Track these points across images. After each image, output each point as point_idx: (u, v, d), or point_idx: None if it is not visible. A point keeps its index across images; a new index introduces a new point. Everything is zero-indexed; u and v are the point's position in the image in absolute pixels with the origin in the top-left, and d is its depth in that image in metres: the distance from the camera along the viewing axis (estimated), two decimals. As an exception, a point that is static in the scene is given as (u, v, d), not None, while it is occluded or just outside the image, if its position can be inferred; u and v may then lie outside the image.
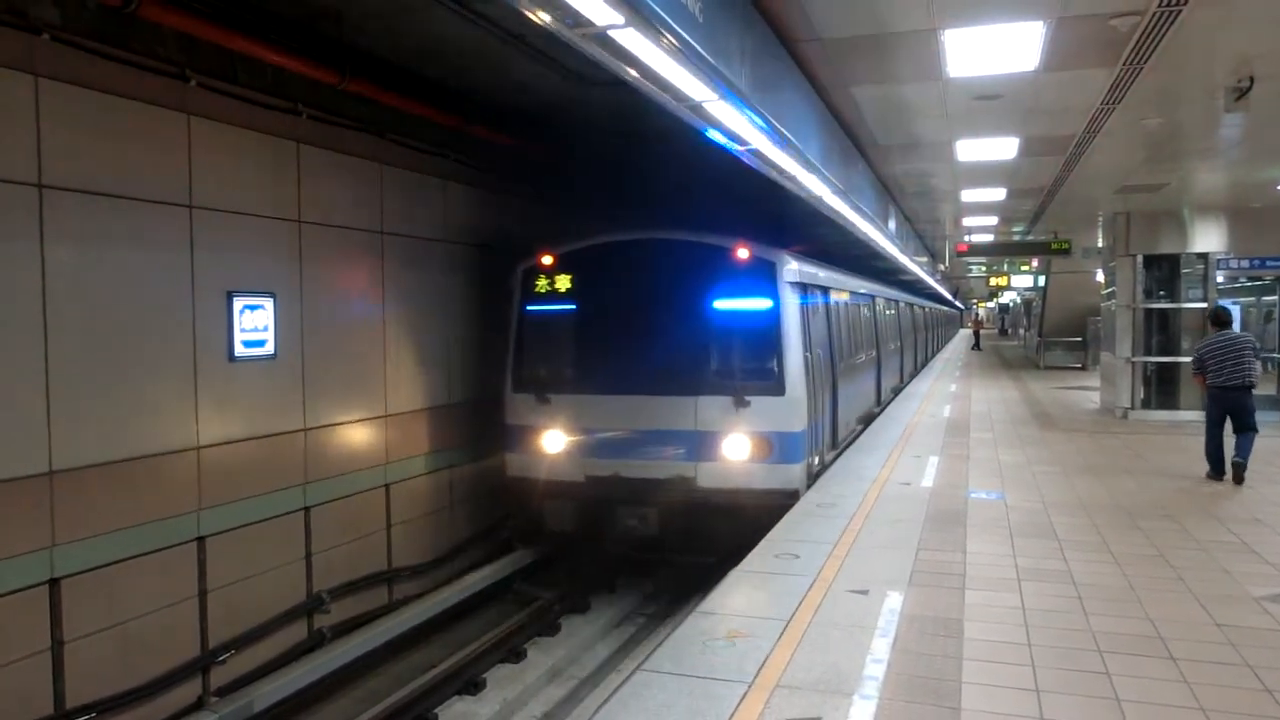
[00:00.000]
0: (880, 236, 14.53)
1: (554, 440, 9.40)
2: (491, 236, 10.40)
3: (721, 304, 9.12)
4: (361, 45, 7.72)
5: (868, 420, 14.74)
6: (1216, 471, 9.93)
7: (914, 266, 23.22)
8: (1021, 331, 47.56)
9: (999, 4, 6.01)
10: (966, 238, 22.86)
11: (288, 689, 6.91)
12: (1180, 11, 5.95)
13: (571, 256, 9.65)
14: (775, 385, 8.93)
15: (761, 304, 9.04)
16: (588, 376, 9.47)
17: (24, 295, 5.41)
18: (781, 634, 5.16)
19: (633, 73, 4.65)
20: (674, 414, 8.99)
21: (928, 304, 35.80)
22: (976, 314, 69.36)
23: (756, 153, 6.92)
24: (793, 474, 8.94)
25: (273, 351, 7.26)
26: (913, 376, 24.66)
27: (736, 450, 8.88)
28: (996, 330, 70.84)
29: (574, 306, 9.61)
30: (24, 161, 5.39)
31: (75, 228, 5.70)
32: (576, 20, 3.88)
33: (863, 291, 15.06)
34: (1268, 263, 16.00)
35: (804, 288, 9.65)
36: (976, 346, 44.49)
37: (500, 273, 10.09)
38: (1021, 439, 13.21)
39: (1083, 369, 27.32)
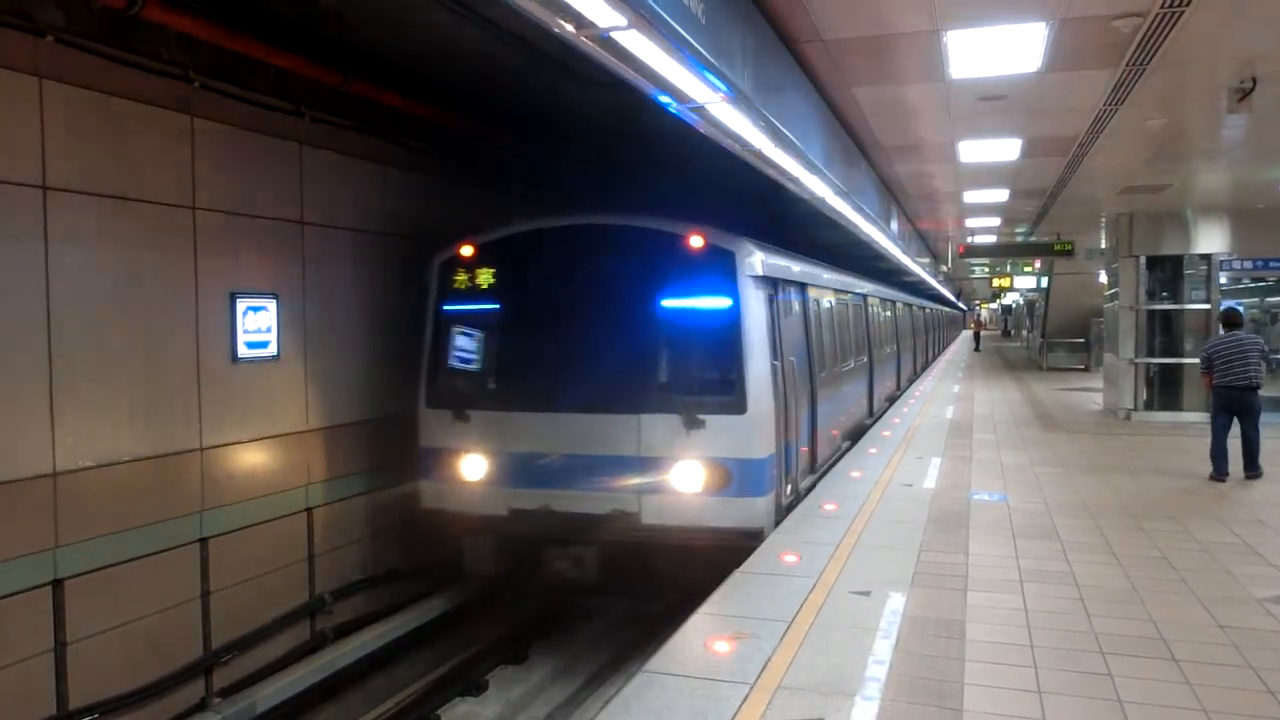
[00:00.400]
0: (882, 237, 14.53)
1: (473, 465, 7.94)
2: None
3: (670, 302, 7.68)
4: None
5: (858, 434, 13.22)
6: (1220, 472, 9.95)
7: (916, 267, 23.21)
8: (1024, 333, 47.54)
9: (1001, 5, 6.01)
10: (969, 239, 22.86)
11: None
12: (1182, 13, 5.94)
13: (495, 246, 8.21)
14: (734, 401, 7.41)
15: (718, 302, 7.57)
16: (512, 390, 8.09)
17: None
18: (783, 635, 5.16)
19: (632, 73, 4.65)
20: (613, 436, 7.54)
21: (929, 305, 35.34)
22: (978, 315, 69.37)
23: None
24: (755, 510, 7.44)
25: None
26: (912, 381, 23.30)
27: (687, 480, 7.40)
28: (999, 331, 70.79)
29: (497, 306, 8.26)
30: None
31: None
32: (579, 22, 3.88)
33: (853, 290, 13.74)
34: (1271, 264, 15.96)
35: (773, 284, 8.21)
36: (977, 348, 44.95)
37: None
38: (1024, 440, 13.20)
39: (1085, 370, 27.28)
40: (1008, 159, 11.41)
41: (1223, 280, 15.76)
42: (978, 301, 74.63)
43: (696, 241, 7.53)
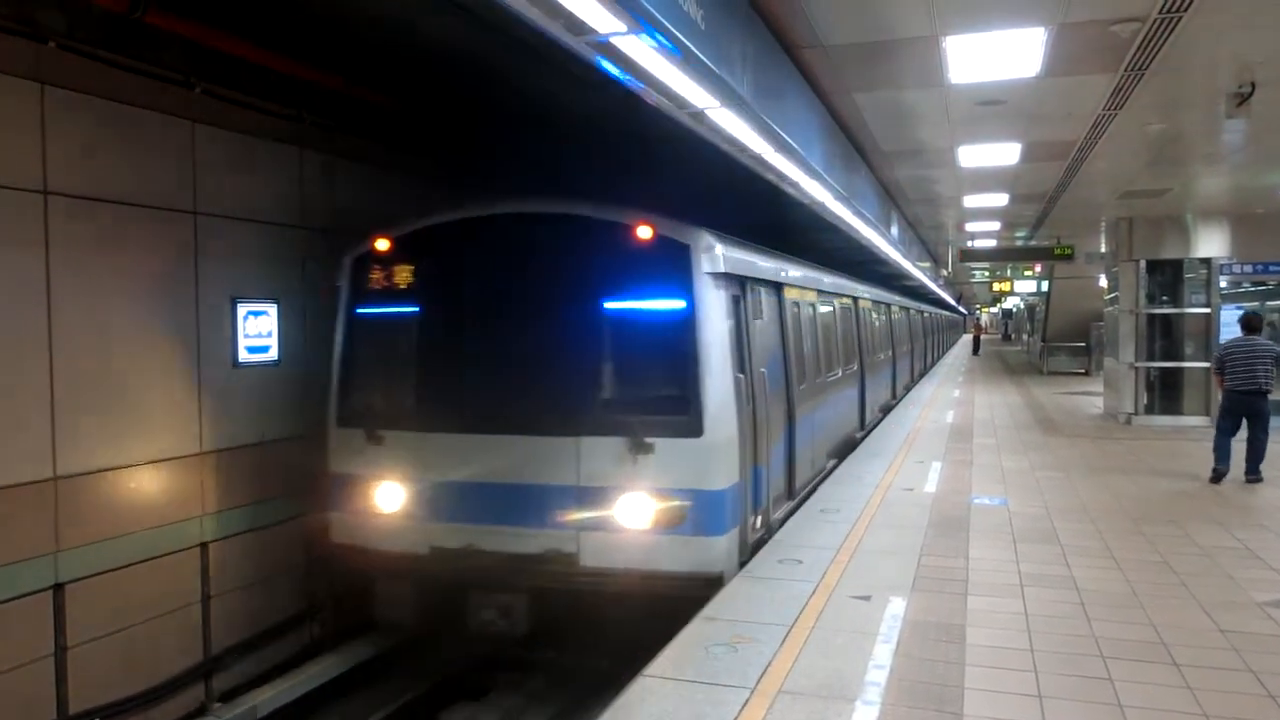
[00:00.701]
0: (882, 242, 14.55)
1: (389, 495, 6.88)
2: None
3: (616, 304, 6.62)
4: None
5: (845, 450, 12.03)
6: (1220, 463, 10.09)
7: (916, 271, 23.23)
8: (1025, 337, 47.60)
9: (1000, 10, 6.04)
10: (969, 243, 22.88)
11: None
12: (1181, 18, 5.96)
13: (414, 240, 7.14)
14: (689, 421, 6.31)
15: (671, 304, 6.50)
16: (432, 407, 6.94)
17: None
18: (784, 639, 5.16)
19: (632, 78, 4.67)
20: (548, 462, 6.49)
21: (929, 309, 34.99)
22: (977, 319, 69.49)
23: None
24: (713, 551, 6.31)
25: None
26: (908, 389, 22.14)
27: (634, 516, 6.31)
28: (1000, 335, 70.85)
29: (416, 309, 7.15)
30: None
31: None
32: (580, 28, 3.90)
33: (842, 292, 12.55)
34: (1271, 267, 15.98)
35: (740, 283, 7.16)
36: (976, 352, 45.28)
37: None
38: (1025, 444, 13.20)
39: (1086, 374, 27.29)
40: (1007, 164, 11.43)
41: (1223, 284, 15.78)
42: (978, 306, 74.68)
43: (645, 233, 6.43)
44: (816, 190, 8.86)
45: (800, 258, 10.50)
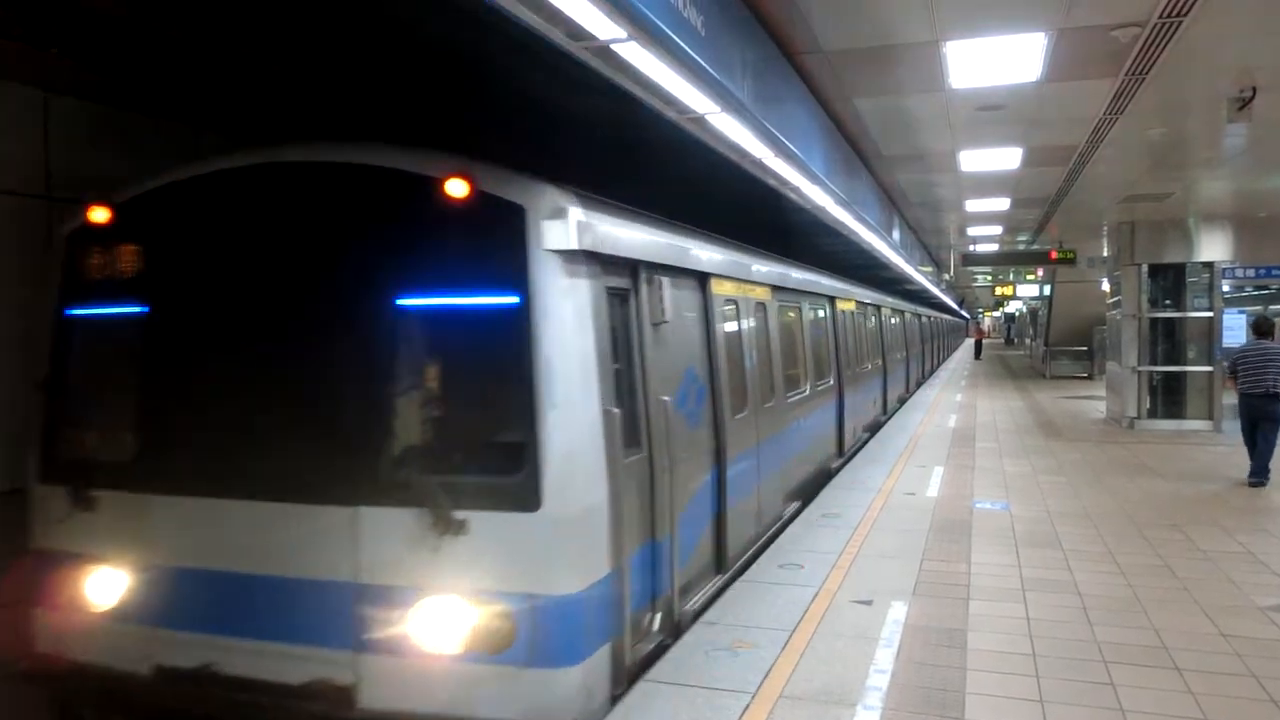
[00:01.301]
0: (884, 246, 14.55)
1: (101, 586, 4.70)
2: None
3: (412, 302, 4.41)
4: None
5: (816, 486, 9.93)
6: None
7: (918, 275, 23.23)
8: (1027, 341, 47.61)
9: (1000, 15, 6.05)
10: (971, 247, 22.89)
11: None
12: (1181, 23, 5.97)
13: (143, 207, 4.90)
14: (521, 486, 4.12)
15: (495, 299, 4.30)
16: (155, 458, 4.71)
17: None
18: (785, 644, 5.16)
19: (631, 84, 4.68)
20: (315, 544, 4.33)
21: (929, 312, 34.35)
22: (979, 323, 69.61)
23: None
24: (558, 689, 4.13)
25: None
26: (903, 402, 20.22)
27: (438, 632, 4.17)
28: (1002, 339, 70.85)
29: (143, 309, 4.88)
30: None
31: None
32: (579, 34, 3.91)
33: (810, 290, 10.24)
34: (1273, 271, 15.97)
35: (629, 270, 4.99)
36: (978, 356, 45.43)
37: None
38: (1027, 449, 13.18)
39: (1089, 378, 27.28)
40: (1009, 168, 11.45)
41: (1225, 288, 15.77)
42: (981, 309, 74.72)
43: (458, 188, 4.20)
44: (818, 195, 8.87)
45: (755, 246, 8.42)
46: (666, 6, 4.02)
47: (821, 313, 11.08)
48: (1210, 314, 15.47)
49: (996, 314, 73.54)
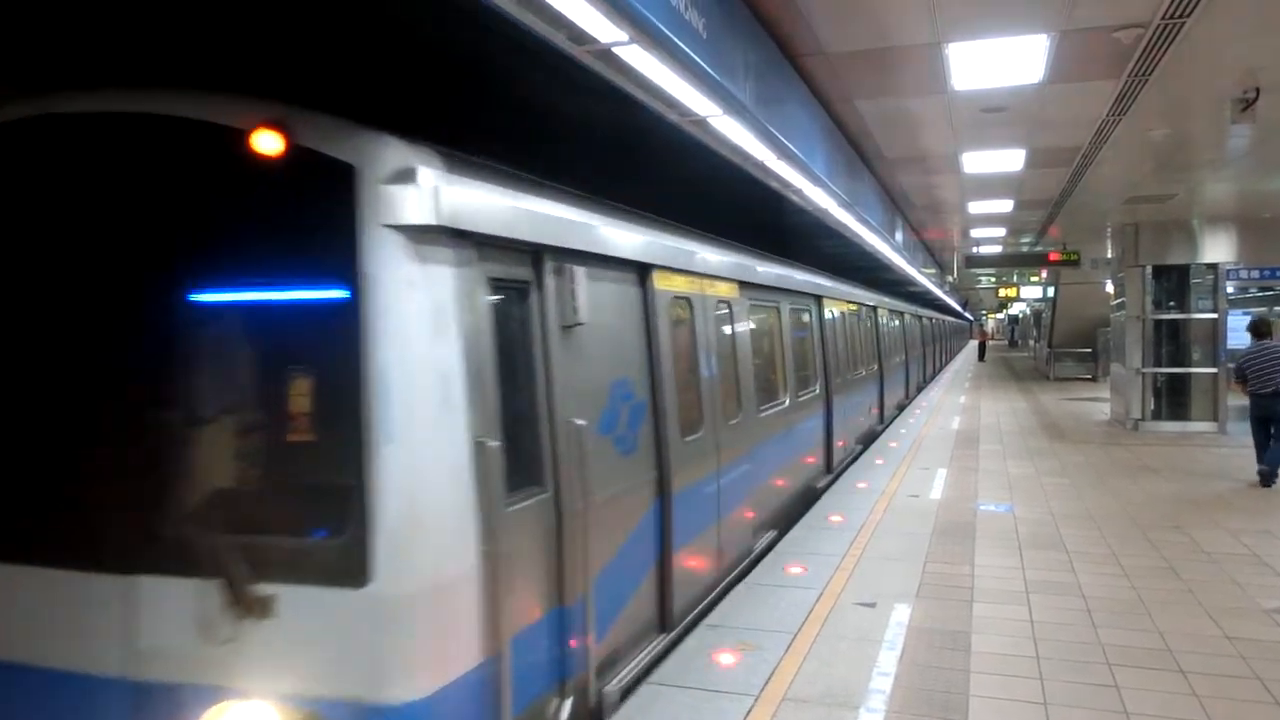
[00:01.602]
0: (887, 248, 14.54)
1: None
2: None
3: (209, 297, 3.33)
4: None
5: (797, 510, 8.87)
6: (1264, 467, 10.28)
7: (921, 278, 23.21)
8: (1031, 343, 47.56)
9: (1002, 17, 6.04)
10: (974, 249, 22.87)
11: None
12: (1184, 24, 5.96)
13: None
14: (344, 550, 3.01)
15: (315, 294, 3.26)
16: None
17: None
18: (788, 647, 5.16)
19: (634, 87, 4.69)
20: (78, 623, 3.22)
21: (932, 314, 34.01)
22: (982, 325, 69.62)
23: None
24: None
25: None
26: (902, 408, 19.40)
27: None
28: (1006, 341, 70.81)
29: None
30: None
31: None
32: (580, 37, 3.92)
33: (789, 288, 9.10)
34: (1277, 273, 15.93)
35: (531, 256, 3.96)
36: (981, 358, 45.45)
37: None
38: (1030, 451, 13.16)
39: (1093, 380, 27.24)
40: (1012, 170, 11.44)
41: (1230, 289, 15.73)
42: (984, 311, 74.66)
43: (269, 143, 3.12)
44: (820, 197, 8.86)
45: (721, 237, 7.40)
46: (668, 9, 4.03)
47: (806, 314, 10.08)
48: (1214, 315, 15.44)
49: (1000, 316, 73.49)
